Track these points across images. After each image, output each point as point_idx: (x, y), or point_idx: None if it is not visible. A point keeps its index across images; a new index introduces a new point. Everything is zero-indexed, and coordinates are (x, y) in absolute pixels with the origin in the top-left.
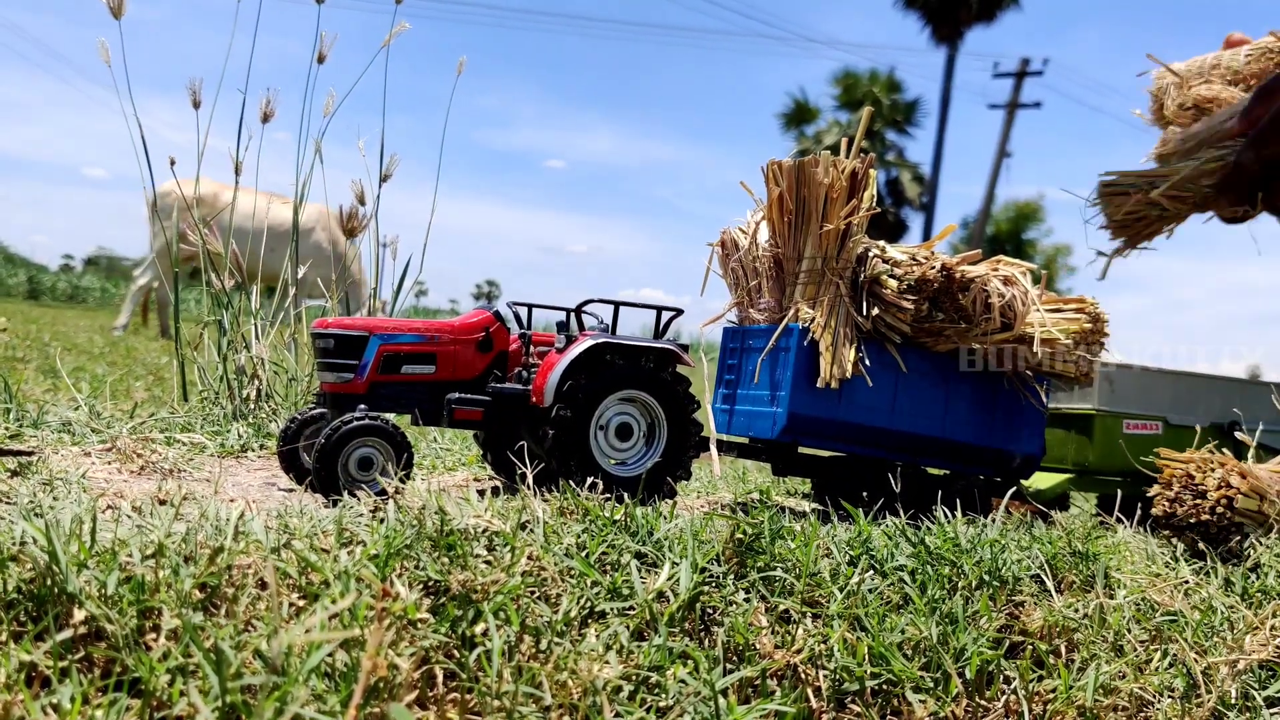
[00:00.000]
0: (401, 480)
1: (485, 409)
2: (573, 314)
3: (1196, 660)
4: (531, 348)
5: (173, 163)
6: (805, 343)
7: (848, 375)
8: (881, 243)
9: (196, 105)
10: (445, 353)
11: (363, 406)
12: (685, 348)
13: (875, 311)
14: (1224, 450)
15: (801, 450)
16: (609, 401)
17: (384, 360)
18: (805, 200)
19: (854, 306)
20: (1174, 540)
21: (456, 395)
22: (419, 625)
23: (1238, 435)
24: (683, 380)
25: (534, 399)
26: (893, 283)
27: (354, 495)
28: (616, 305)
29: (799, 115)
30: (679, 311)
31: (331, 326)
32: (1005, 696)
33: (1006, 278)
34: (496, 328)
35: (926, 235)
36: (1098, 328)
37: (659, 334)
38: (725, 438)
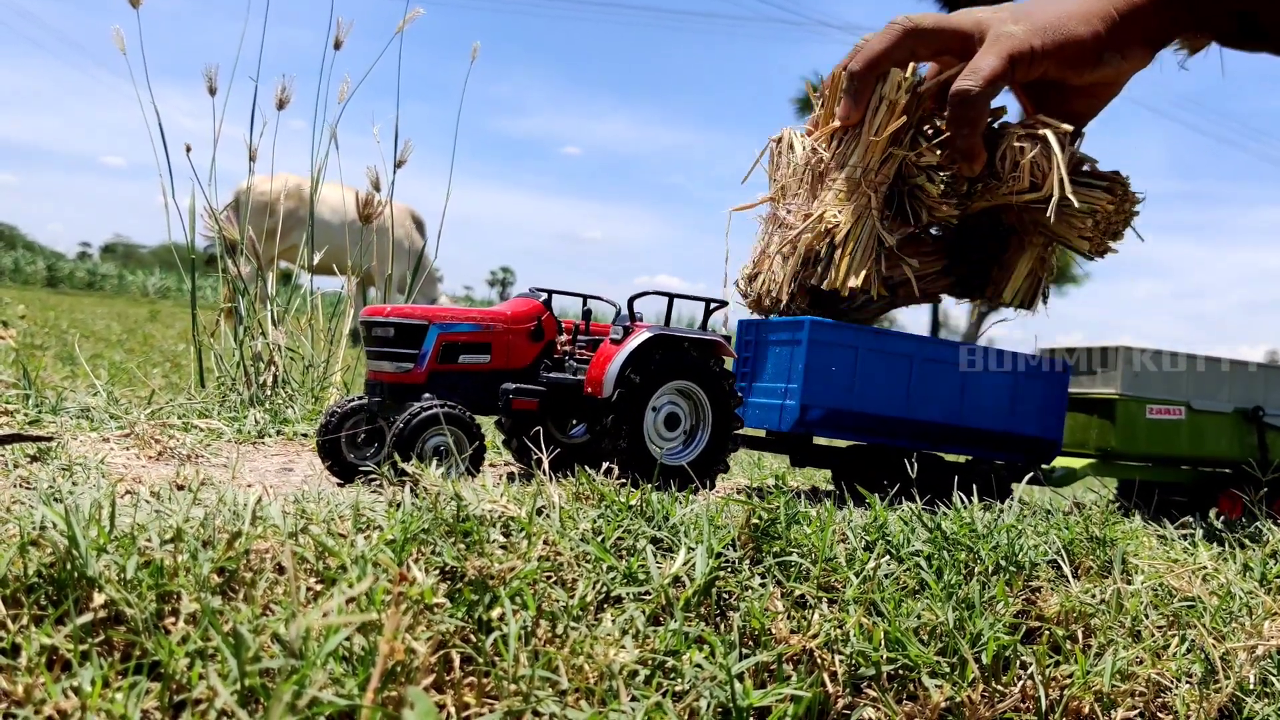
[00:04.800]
0: (472, 468)
1: (540, 399)
2: (626, 305)
3: (1214, 646)
4: (566, 336)
5: (188, 150)
6: (817, 334)
7: (858, 286)
8: (921, 151)
9: (212, 91)
10: (500, 342)
11: (428, 395)
12: (728, 338)
13: (924, 217)
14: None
15: (818, 441)
16: (662, 391)
17: (443, 349)
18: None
19: (881, 222)
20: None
21: (514, 385)
22: (436, 610)
23: (1263, 420)
24: (729, 374)
25: (589, 389)
26: (933, 187)
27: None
28: (671, 297)
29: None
30: (723, 303)
31: (391, 315)
32: (1022, 682)
33: (1038, 136)
34: (547, 316)
35: None
36: (1127, 206)
37: (702, 325)
38: (742, 431)
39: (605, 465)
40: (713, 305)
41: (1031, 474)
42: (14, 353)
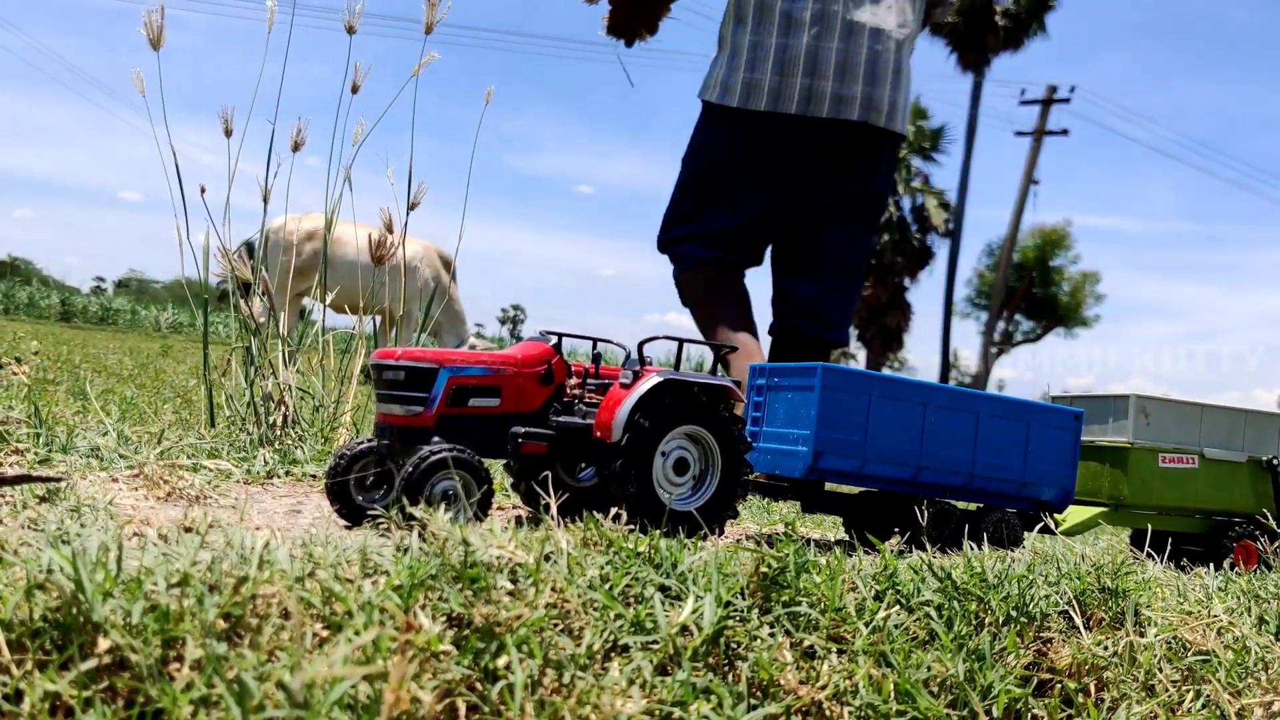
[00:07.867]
0: (480, 512)
1: (550, 443)
2: (636, 349)
3: (1230, 701)
4: (576, 379)
5: (203, 191)
6: (831, 380)
7: None
8: None
9: (228, 134)
10: (510, 385)
11: (437, 439)
12: (738, 383)
13: None
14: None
15: (829, 487)
16: (671, 436)
17: (453, 393)
18: None
19: None
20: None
21: (523, 429)
22: (442, 658)
23: (1278, 469)
24: (739, 419)
25: (598, 433)
26: None
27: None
28: (681, 342)
29: None
30: (733, 348)
31: (402, 358)
32: None
33: None
34: (557, 360)
35: (953, 262)
36: None
37: (712, 369)
38: (752, 476)
39: (614, 510)
40: (723, 350)
41: (1043, 523)
42: (26, 388)
